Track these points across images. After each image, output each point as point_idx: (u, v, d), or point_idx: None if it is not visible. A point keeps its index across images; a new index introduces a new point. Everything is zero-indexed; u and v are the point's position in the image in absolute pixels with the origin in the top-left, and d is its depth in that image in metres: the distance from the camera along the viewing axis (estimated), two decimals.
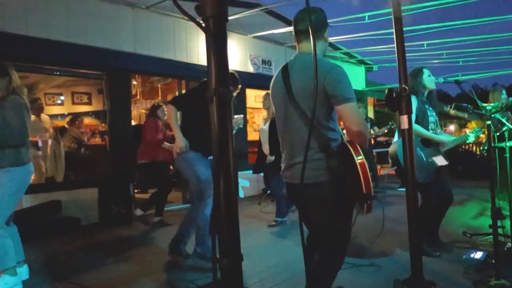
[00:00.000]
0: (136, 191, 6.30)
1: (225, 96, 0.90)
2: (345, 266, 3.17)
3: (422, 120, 3.35)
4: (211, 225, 3.35)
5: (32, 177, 3.19)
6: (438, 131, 3.51)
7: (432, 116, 3.44)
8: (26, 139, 2.88)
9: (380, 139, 8.62)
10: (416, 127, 3.27)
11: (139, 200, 6.13)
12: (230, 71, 3.22)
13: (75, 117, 7.37)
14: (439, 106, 3.61)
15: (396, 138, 4.01)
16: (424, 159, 3.32)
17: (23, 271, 3.01)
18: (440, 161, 3.37)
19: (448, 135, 3.57)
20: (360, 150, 1.82)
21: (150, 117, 5.38)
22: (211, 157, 3.20)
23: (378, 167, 8.97)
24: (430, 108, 3.46)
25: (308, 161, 1.83)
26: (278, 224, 4.88)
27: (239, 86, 3.51)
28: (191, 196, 3.67)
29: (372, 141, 8.01)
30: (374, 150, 8.27)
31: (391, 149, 3.67)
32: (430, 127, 3.39)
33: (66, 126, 7.24)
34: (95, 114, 9.07)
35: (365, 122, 1.85)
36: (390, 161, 3.53)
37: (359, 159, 1.77)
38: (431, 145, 3.39)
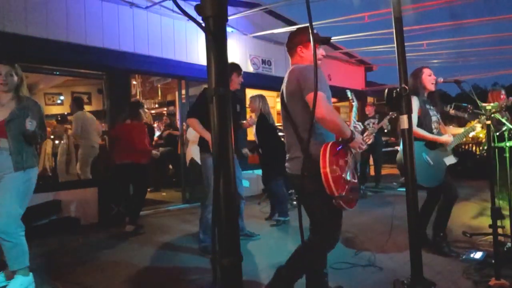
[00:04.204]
0: None
1: (225, 96, 0.90)
2: (345, 266, 3.18)
3: (425, 121, 3.32)
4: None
5: None
6: (442, 130, 3.47)
7: (434, 116, 3.41)
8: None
9: None
10: (418, 130, 3.24)
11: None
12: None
13: (65, 117, 7.34)
14: (441, 106, 3.57)
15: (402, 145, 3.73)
16: (432, 163, 3.27)
17: None
18: (450, 160, 3.35)
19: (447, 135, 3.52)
20: (327, 157, 2.00)
21: (134, 120, 4.93)
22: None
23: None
24: (432, 108, 3.44)
25: (295, 157, 2.22)
26: (281, 223, 4.89)
27: (242, 72, 3.89)
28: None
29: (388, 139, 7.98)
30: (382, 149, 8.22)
31: (397, 157, 3.50)
32: (433, 126, 3.36)
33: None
34: (95, 114, 9.06)
35: (330, 108, 2.06)
36: (398, 170, 3.43)
37: (324, 168, 1.99)
38: (437, 146, 3.34)
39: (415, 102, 3.30)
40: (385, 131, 7.55)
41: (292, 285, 2.32)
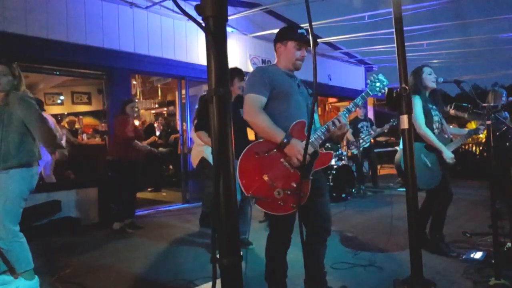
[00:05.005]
0: None
1: (225, 96, 0.90)
2: (345, 266, 3.18)
3: (426, 120, 3.30)
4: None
5: None
6: (444, 130, 3.47)
7: (436, 116, 3.40)
8: None
9: (380, 138, 8.61)
10: (427, 131, 3.23)
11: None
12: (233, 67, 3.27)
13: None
14: (442, 105, 3.56)
15: (402, 145, 3.50)
16: (429, 165, 3.25)
17: None
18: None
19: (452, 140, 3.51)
20: (244, 154, 2.03)
21: (119, 114, 4.85)
22: None
23: (378, 166, 8.96)
24: (434, 107, 3.42)
25: None
26: None
27: (244, 77, 3.79)
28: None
29: (372, 141, 8.04)
30: (374, 150, 8.27)
31: (396, 157, 3.46)
32: (434, 126, 3.36)
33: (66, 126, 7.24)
34: (94, 114, 9.09)
35: (253, 110, 2.08)
36: (396, 171, 3.42)
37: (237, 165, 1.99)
38: (436, 149, 3.32)
39: (417, 101, 3.29)
40: (385, 131, 7.59)
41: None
